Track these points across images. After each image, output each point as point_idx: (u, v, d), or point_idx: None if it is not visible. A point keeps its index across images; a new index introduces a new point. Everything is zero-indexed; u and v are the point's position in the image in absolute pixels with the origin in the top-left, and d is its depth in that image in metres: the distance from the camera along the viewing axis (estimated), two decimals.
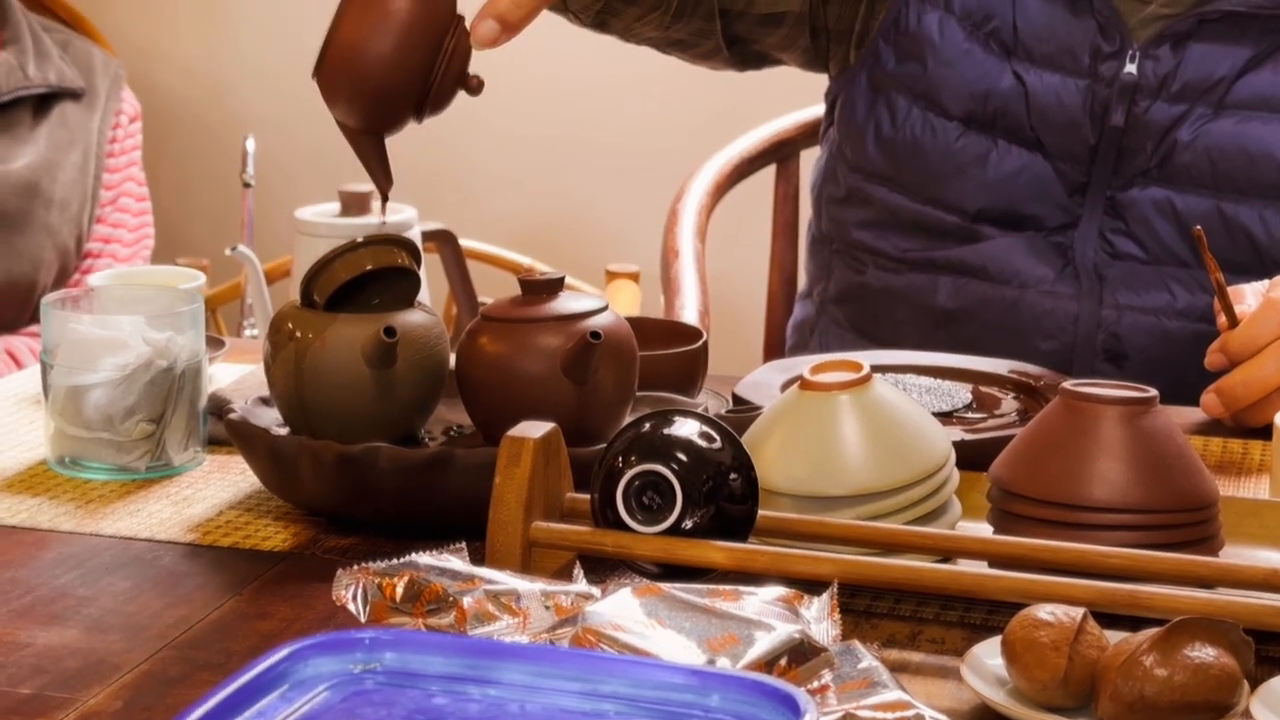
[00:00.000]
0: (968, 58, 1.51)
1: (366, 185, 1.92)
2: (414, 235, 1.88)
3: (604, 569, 1.03)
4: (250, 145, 2.41)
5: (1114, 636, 0.89)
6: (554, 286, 1.13)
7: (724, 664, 0.78)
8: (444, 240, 2.01)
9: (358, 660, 0.74)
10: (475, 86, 1.15)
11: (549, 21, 3.22)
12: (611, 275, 2.35)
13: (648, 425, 1.00)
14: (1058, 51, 1.49)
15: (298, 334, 1.11)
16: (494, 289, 2.10)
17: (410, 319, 1.12)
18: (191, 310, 1.21)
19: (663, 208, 1.98)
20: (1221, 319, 1.32)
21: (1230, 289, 1.33)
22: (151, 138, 2.46)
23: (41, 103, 2.10)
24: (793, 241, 1.95)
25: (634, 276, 2.35)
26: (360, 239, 1.13)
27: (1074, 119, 1.49)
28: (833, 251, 1.62)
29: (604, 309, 1.13)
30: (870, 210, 1.57)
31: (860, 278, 1.58)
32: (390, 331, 1.09)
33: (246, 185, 2.39)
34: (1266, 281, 1.35)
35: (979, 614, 0.99)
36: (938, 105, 1.52)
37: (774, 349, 1.94)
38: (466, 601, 0.86)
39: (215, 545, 1.09)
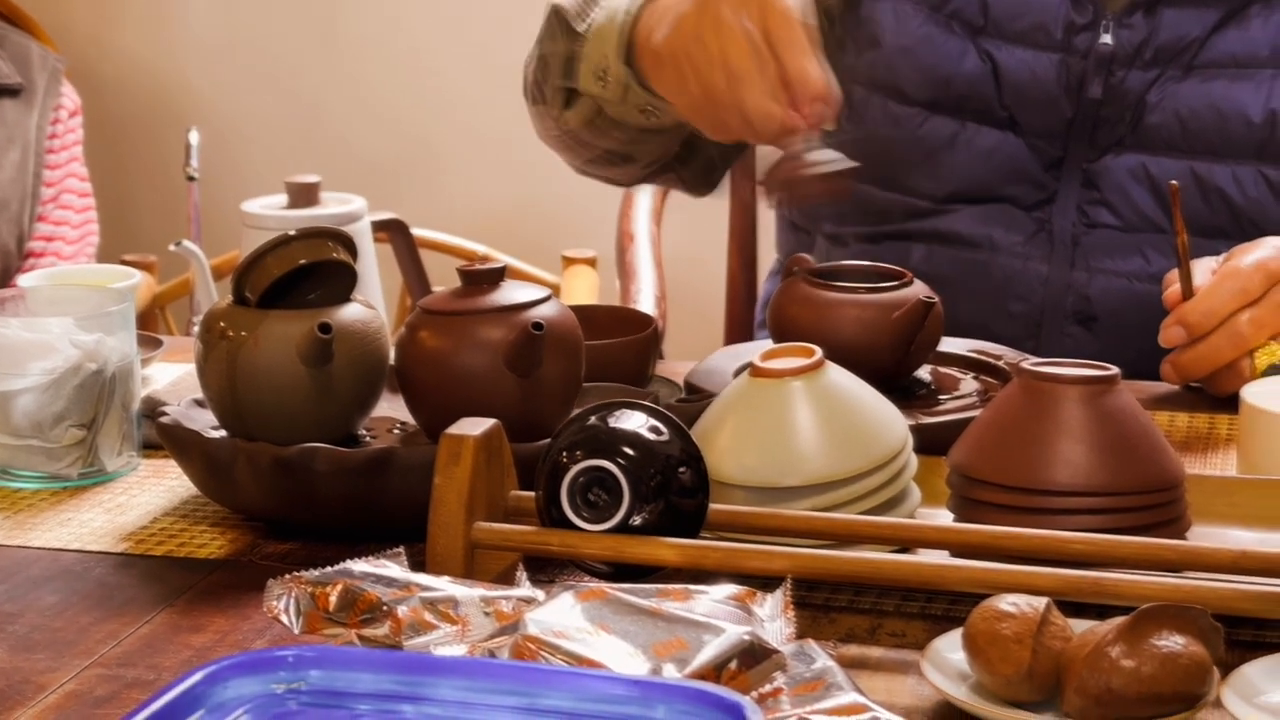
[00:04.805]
0: (926, 42, 1.48)
1: (313, 176, 1.88)
2: (364, 226, 1.84)
3: (553, 569, 1.00)
4: (194, 138, 2.36)
5: (1080, 625, 0.86)
6: (495, 277, 1.10)
7: (670, 671, 0.75)
8: (395, 230, 1.96)
9: (281, 680, 0.70)
10: None
11: (506, 8, 3.19)
12: (568, 261, 2.32)
13: (593, 419, 0.96)
14: (1030, 27, 1.46)
15: (230, 333, 1.07)
16: (451, 279, 2.06)
17: (347, 314, 1.09)
18: (121, 310, 1.17)
19: (618, 191, 1.94)
20: (1174, 288, 1.29)
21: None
22: (95, 132, 2.41)
23: None
24: (751, 221, 1.92)
25: (591, 262, 2.31)
26: (292, 232, 1.09)
27: (1049, 94, 1.46)
28: (810, 232, 1.59)
29: (547, 299, 1.09)
30: (843, 205, 1.54)
31: (843, 250, 1.55)
32: (325, 328, 1.05)
33: (191, 179, 2.35)
34: (1215, 258, 1.32)
35: (941, 604, 0.96)
36: (897, 92, 1.49)
37: (735, 330, 1.91)
38: (401, 610, 0.82)
39: (148, 555, 1.05)
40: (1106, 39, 1.44)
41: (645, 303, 1.88)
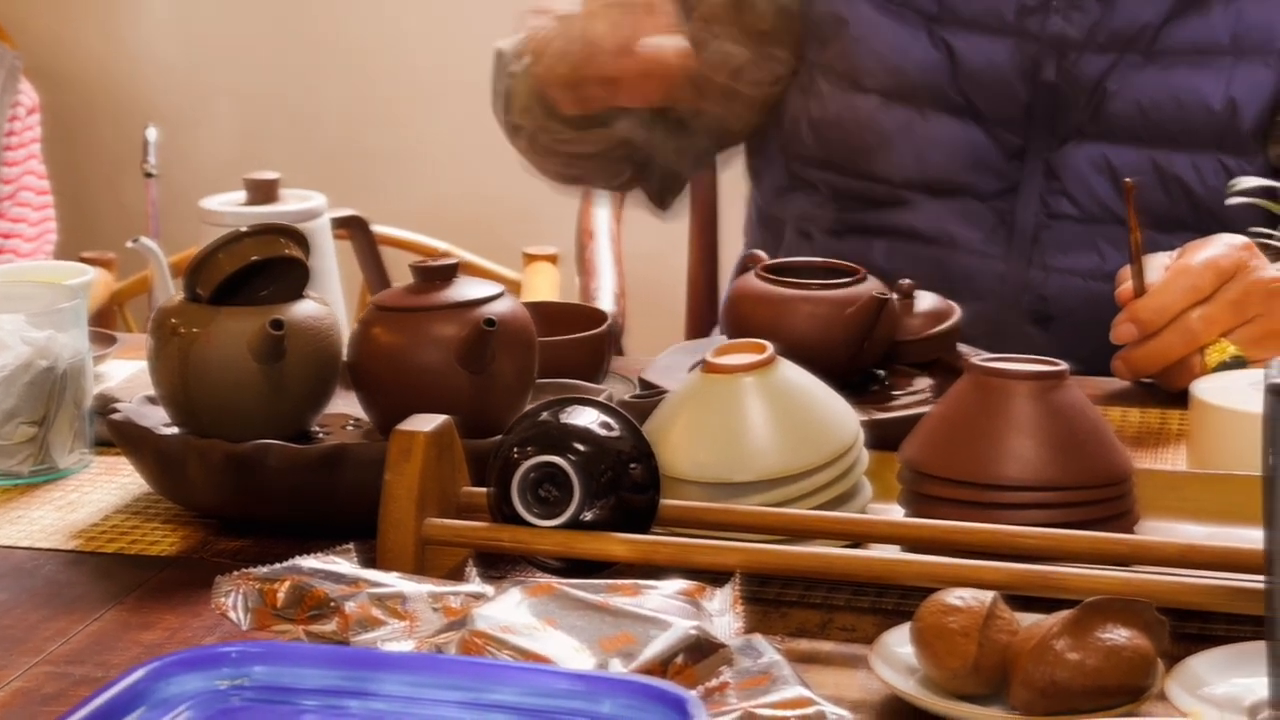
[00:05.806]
0: (877, 32, 1.49)
1: (272, 173, 1.88)
2: (324, 222, 1.84)
3: (504, 565, 1.00)
4: (152, 135, 2.35)
5: (1030, 619, 0.86)
6: (448, 273, 1.10)
7: (616, 665, 0.75)
8: (355, 226, 1.96)
9: (225, 676, 0.70)
10: None
11: (467, 6, 3.17)
12: (529, 258, 2.31)
13: (544, 415, 0.96)
14: (982, 11, 1.47)
15: (181, 329, 1.07)
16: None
17: (300, 310, 1.08)
18: (73, 307, 1.17)
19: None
20: (1127, 285, 1.30)
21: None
22: (54, 129, 2.40)
23: None
24: (711, 218, 1.92)
25: (552, 259, 2.31)
26: (245, 229, 1.09)
27: (1005, 79, 1.46)
28: (784, 224, 1.60)
29: (500, 295, 1.09)
30: (815, 195, 1.55)
31: (809, 245, 1.56)
32: (277, 324, 1.05)
33: (149, 175, 2.34)
34: (1168, 254, 1.33)
35: (892, 599, 0.96)
36: (855, 82, 1.50)
37: (696, 326, 1.91)
38: (349, 606, 0.82)
39: (99, 552, 1.04)
40: (1057, 20, 1.45)
41: (605, 299, 1.88)
